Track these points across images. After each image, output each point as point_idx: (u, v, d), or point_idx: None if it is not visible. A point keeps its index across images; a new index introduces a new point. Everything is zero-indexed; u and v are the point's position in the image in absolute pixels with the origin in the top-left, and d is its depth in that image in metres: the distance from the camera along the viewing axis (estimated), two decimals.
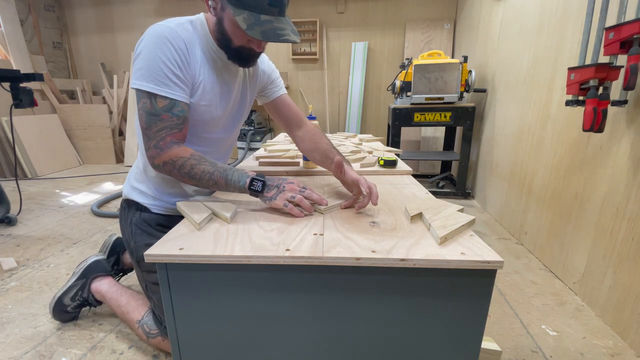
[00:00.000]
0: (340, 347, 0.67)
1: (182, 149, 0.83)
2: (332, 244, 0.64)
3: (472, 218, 0.72)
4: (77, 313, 1.31)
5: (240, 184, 0.81)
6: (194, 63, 0.86)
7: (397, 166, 1.24)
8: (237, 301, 0.65)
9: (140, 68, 0.80)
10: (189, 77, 0.86)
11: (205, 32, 0.90)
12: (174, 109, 0.82)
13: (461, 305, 0.62)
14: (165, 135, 0.82)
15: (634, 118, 1.20)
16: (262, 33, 0.78)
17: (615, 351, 1.16)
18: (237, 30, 0.82)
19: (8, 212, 2.24)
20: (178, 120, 0.83)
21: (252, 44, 0.86)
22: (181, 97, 0.83)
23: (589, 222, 1.42)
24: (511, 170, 2.14)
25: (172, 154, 0.82)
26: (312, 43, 3.91)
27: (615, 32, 1.13)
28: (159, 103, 0.81)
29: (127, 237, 1.04)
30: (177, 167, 0.82)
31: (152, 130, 0.82)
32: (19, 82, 1.99)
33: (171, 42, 0.81)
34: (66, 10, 4.45)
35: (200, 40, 0.89)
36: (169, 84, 0.81)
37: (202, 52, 0.89)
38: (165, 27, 0.82)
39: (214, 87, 0.92)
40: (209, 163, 0.83)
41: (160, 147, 0.82)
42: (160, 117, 0.81)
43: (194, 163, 0.82)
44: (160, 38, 0.80)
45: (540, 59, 1.84)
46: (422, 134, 3.61)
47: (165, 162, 0.83)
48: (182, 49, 0.82)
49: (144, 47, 0.80)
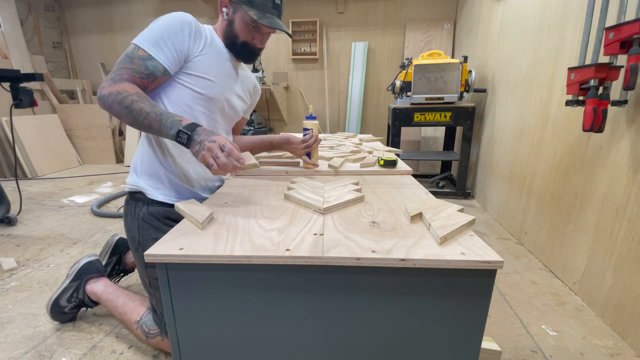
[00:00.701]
0: (341, 347, 0.67)
1: (131, 86, 0.87)
2: (332, 244, 0.64)
3: (472, 218, 0.72)
4: (75, 314, 1.31)
5: (171, 132, 0.81)
6: (196, 43, 0.97)
7: (397, 166, 1.24)
8: (237, 301, 0.65)
9: (148, 31, 0.91)
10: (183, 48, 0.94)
11: (214, 36, 1.05)
12: (148, 62, 0.90)
13: (461, 305, 0.62)
14: (124, 72, 0.88)
15: (634, 118, 1.20)
16: (269, 23, 0.97)
17: (615, 351, 1.16)
18: (245, 28, 1.00)
19: (8, 212, 2.24)
20: (146, 70, 0.90)
21: (255, 40, 1.03)
22: (160, 58, 0.91)
23: (589, 222, 1.42)
24: (511, 170, 2.14)
25: (120, 87, 0.85)
26: (312, 43, 3.91)
27: (615, 32, 1.13)
28: (139, 52, 0.89)
29: (133, 233, 1.03)
30: (119, 100, 0.83)
31: (119, 66, 0.89)
32: (19, 82, 1.99)
33: (180, 22, 0.93)
34: (66, 10, 4.45)
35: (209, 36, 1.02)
36: (157, 45, 0.90)
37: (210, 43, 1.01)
38: (179, 13, 0.95)
39: (218, 72, 1.03)
40: (150, 104, 0.84)
41: (113, 79, 0.87)
42: (132, 60, 0.89)
43: (135, 99, 0.83)
44: (173, 17, 0.93)
45: (540, 59, 1.84)
46: (422, 134, 3.61)
47: (111, 92, 0.84)
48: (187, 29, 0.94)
49: (161, 19, 0.93)
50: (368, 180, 1.12)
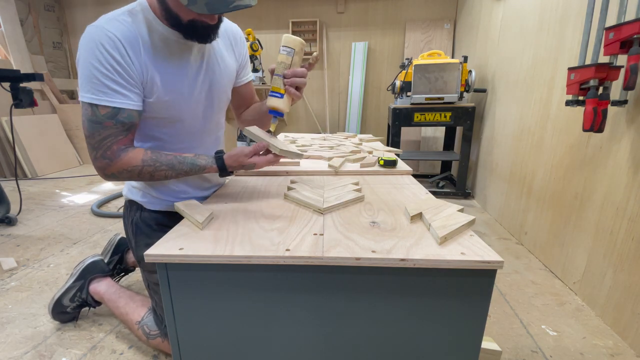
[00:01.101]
0: (341, 347, 0.67)
1: (133, 155, 0.81)
2: (332, 244, 0.64)
3: (472, 218, 0.72)
4: (76, 314, 1.31)
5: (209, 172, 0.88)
6: (137, 60, 0.78)
7: (397, 166, 1.24)
8: (237, 301, 0.65)
9: (80, 77, 0.76)
10: (135, 77, 0.78)
11: (151, 18, 0.80)
12: (118, 116, 0.78)
13: (461, 305, 0.62)
14: (111, 144, 0.79)
15: (634, 118, 1.20)
16: (207, 5, 0.68)
17: (615, 351, 1.16)
18: (180, 5, 0.73)
19: (8, 212, 2.24)
20: (123, 127, 0.79)
21: (203, 17, 0.76)
22: (124, 104, 0.77)
23: (589, 222, 1.42)
24: (511, 170, 2.14)
25: (124, 163, 0.80)
26: (312, 43, 3.91)
27: (615, 32, 1.13)
28: (100, 111, 0.76)
29: (129, 237, 1.05)
30: (136, 175, 0.82)
31: (96, 138, 0.78)
32: (19, 82, 1.99)
33: (104, 46, 0.73)
34: (66, 10, 4.45)
35: (145, 29, 0.80)
36: (108, 92, 0.75)
37: (150, 42, 0.80)
38: (96, 29, 0.74)
39: (175, 76, 0.84)
40: (166, 166, 0.83)
41: (109, 157, 0.79)
42: (102, 124, 0.77)
43: (150, 170, 0.82)
44: (92, 43, 0.73)
45: (540, 59, 1.84)
46: (422, 134, 3.61)
47: (120, 171, 0.81)
48: (118, 49, 0.75)
49: (79, 56, 0.75)
50: (368, 180, 1.12)
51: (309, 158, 1.39)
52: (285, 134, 2.19)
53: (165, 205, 1.01)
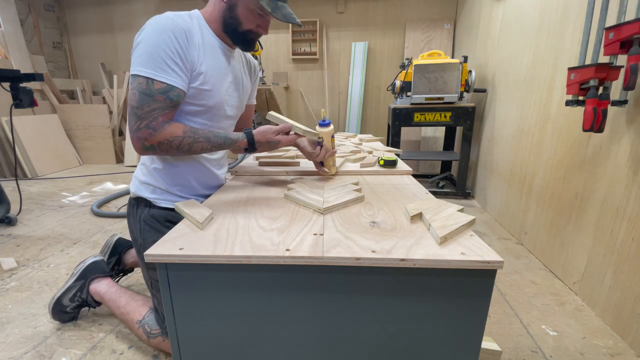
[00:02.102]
0: (341, 347, 0.67)
1: (175, 127, 0.87)
2: (332, 244, 0.64)
3: (472, 218, 0.72)
4: (76, 313, 1.31)
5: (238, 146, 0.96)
6: (193, 50, 0.90)
7: (397, 166, 1.24)
8: (237, 301, 0.65)
9: (140, 54, 0.83)
10: (189, 64, 0.89)
11: (203, 25, 0.96)
12: (170, 93, 0.85)
13: (461, 305, 0.62)
14: (157, 115, 0.84)
15: (634, 118, 1.20)
16: (284, 16, 0.90)
17: (615, 351, 1.16)
18: (250, 16, 0.92)
19: (8, 212, 2.24)
20: (171, 103, 0.86)
21: (260, 28, 0.96)
22: (177, 84, 0.86)
23: (589, 222, 1.42)
24: (511, 170, 2.14)
25: (167, 134, 0.85)
26: (312, 43, 3.91)
27: (615, 32, 1.13)
28: (155, 85, 0.83)
29: (135, 235, 1.04)
30: (176, 146, 0.87)
31: (144, 109, 0.83)
32: (19, 82, 1.99)
33: (172, 31, 0.84)
34: (66, 10, 4.45)
35: (199, 31, 0.94)
36: (167, 70, 0.84)
37: (201, 41, 0.93)
38: (166, 18, 0.86)
39: (216, 73, 0.97)
40: (204, 138, 0.90)
41: (153, 128, 0.84)
42: (154, 97, 0.83)
43: (190, 141, 0.88)
44: (161, 27, 0.84)
45: (540, 59, 1.84)
46: (422, 134, 3.61)
47: (161, 142, 0.85)
48: (182, 37, 0.86)
49: (145, 36, 0.84)
50: (368, 180, 1.12)
51: None
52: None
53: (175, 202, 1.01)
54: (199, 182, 1.06)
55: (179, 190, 1.03)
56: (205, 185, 1.09)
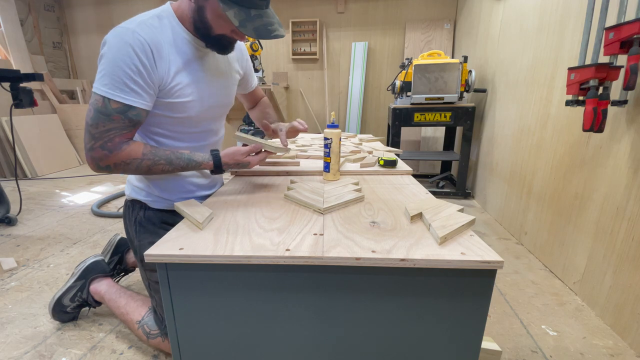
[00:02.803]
0: (340, 347, 0.67)
1: (134, 148, 0.82)
2: (332, 244, 0.64)
3: (472, 218, 0.72)
4: (76, 313, 1.31)
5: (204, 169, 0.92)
6: (160, 64, 0.83)
7: (397, 166, 1.24)
8: (237, 301, 0.65)
9: (100, 71, 0.78)
10: (155, 81, 0.83)
11: (175, 24, 0.87)
12: (129, 112, 0.80)
13: (461, 305, 0.62)
14: (113, 136, 0.80)
15: (634, 118, 1.20)
16: (255, 30, 0.79)
17: (615, 351, 1.16)
18: (221, 21, 0.82)
19: (8, 212, 2.24)
20: (130, 123, 0.81)
21: (234, 34, 0.86)
22: (137, 103, 0.81)
23: (589, 222, 1.42)
24: (511, 170, 2.14)
25: (124, 156, 0.81)
26: (312, 43, 3.91)
27: (615, 32, 1.13)
28: (112, 104, 0.78)
29: (131, 237, 1.04)
30: (133, 168, 0.83)
31: (99, 129, 0.79)
32: (19, 82, 1.99)
33: (132, 47, 0.77)
34: (66, 10, 4.45)
35: (170, 34, 0.85)
36: (126, 89, 0.78)
37: (172, 48, 0.85)
38: (127, 30, 0.79)
39: (191, 80, 0.89)
40: (165, 161, 0.86)
41: (109, 149, 0.80)
42: (111, 117, 0.79)
43: (149, 164, 0.84)
44: (122, 43, 0.77)
45: (540, 59, 1.84)
46: (422, 134, 3.61)
47: (117, 163, 0.82)
48: (145, 53, 0.79)
49: (106, 51, 0.78)
50: (368, 180, 1.12)
51: (309, 158, 1.39)
52: None
53: (170, 204, 1.02)
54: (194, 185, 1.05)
55: (174, 192, 1.02)
56: (204, 187, 1.08)
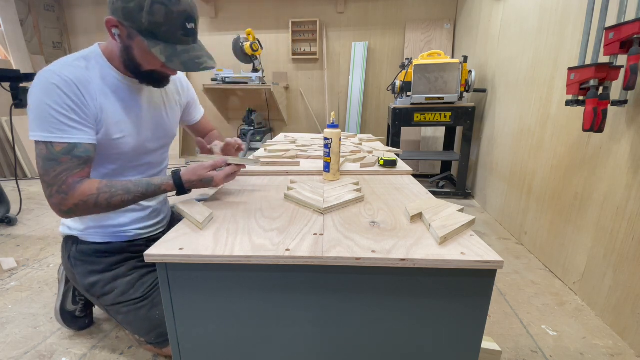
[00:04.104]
0: (341, 347, 0.67)
1: (87, 185, 0.80)
2: (332, 244, 0.64)
3: (472, 218, 0.72)
4: (89, 315, 1.27)
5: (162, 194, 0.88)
6: (91, 101, 0.82)
7: (397, 166, 1.24)
8: (237, 301, 0.65)
9: (33, 119, 0.77)
10: (89, 116, 0.82)
11: (103, 64, 0.88)
12: (75, 151, 0.79)
13: (461, 305, 0.62)
14: (65, 178, 0.78)
15: (634, 118, 1.20)
16: (183, 64, 0.79)
17: (615, 351, 1.16)
18: (149, 57, 0.82)
19: (8, 212, 2.24)
20: (79, 161, 0.80)
21: (165, 69, 0.86)
22: (81, 139, 0.80)
23: (589, 222, 1.42)
24: (511, 170, 2.14)
25: (80, 194, 0.79)
26: (312, 43, 3.91)
27: (615, 32, 1.13)
28: (56, 147, 0.77)
29: (69, 274, 1.03)
30: (92, 205, 0.80)
31: (50, 175, 0.77)
32: (19, 82, 1.99)
33: (59, 87, 0.77)
34: (66, 10, 4.45)
35: (97, 75, 0.86)
36: (65, 128, 0.78)
37: (102, 86, 0.86)
38: (51, 74, 0.78)
39: (124, 116, 0.90)
40: (122, 190, 0.83)
41: (64, 191, 0.78)
42: (58, 160, 0.77)
43: (107, 197, 0.81)
44: (46, 86, 0.77)
45: (540, 59, 1.84)
46: (422, 134, 3.61)
47: (76, 204, 0.79)
48: (73, 91, 0.79)
49: (33, 99, 0.77)
50: (368, 180, 1.12)
51: (309, 158, 1.39)
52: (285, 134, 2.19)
53: (104, 234, 1.00)
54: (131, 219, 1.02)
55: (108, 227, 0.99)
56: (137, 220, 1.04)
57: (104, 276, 0.97)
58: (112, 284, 0.97)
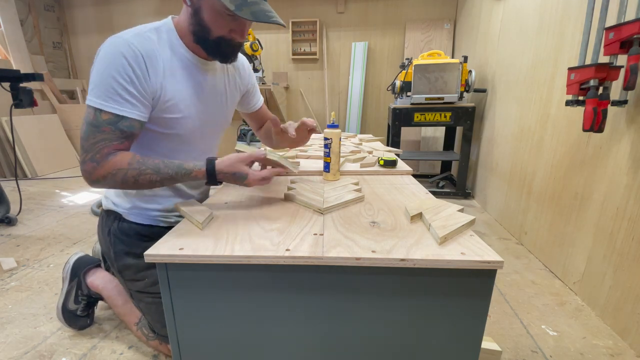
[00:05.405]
0: (341, 347, 0.67)
1: (120, 159, 0.78)
2: (332, 244, 0.64)
3: (472, 218, 0.72)
4: (90, 314, 1.27)
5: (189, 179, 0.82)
6: (154, 76, 0.81)
7: (397, 166, 1.24)
8: (237, 301, 0.65)
9: (92, 82, 0.77)
10: (148, 92, 0.81)
11: (174, 39, 0.85)
12: (120, 123, 0.78)
13: (461, 305, 0.62)
14: (102, 147, 0.77)
15: (634, 118, 1.20)
16: (252, 14, 0.75)
17: (615, 351, 1.16)
18: (218, 18, 0.78)
19: (8, 212, 2.24)
20: (121, 134, 0.78)
21: (233, 33, 0.82)
22: (130, 113, 0.78)
23: (589, 222, 1.42)
24: (511, 170, 2.14)
25: (110, 166, 0.77)
26: (312, 43, 3.91)
27: (615, 32, 1.13)
28: (103, 116, 0.77)
29: (105, 248, 1.01)
30: (120, 180, 0.78)
31: (89, 141, 0.77)
32: (19, 82, 1.99)
33: (125, 57, 0.76)
34: (66, 10, 4.45)
35: (166, 50, 0.84)
36: (118, 99, 0.77)
37: (167, 64, 0.84)
38: (122, 40, 0.77)
39: (187, 96, 0.88)
40: (153, 168, 0.79)
41: (97, 160, 0.77)
42: (100, 128, 0.76)
43: (135, 174, 0.78)
44: (114, 53, 0.76)
45: (540, 59, 1.84)
46: (422, 134, 3.61)
47: (104, 176, 0.78)
48: (138, 63, 0.78)
49: (98, 62, 0.77)
50: (368, 180, 1.12)
51: (309, 158, 1.39)
52: None
53: (147, 217, 0.99)
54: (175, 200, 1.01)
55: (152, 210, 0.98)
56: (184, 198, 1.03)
57: (139, 262, 0.95)
58: (144, 272, 0.96)
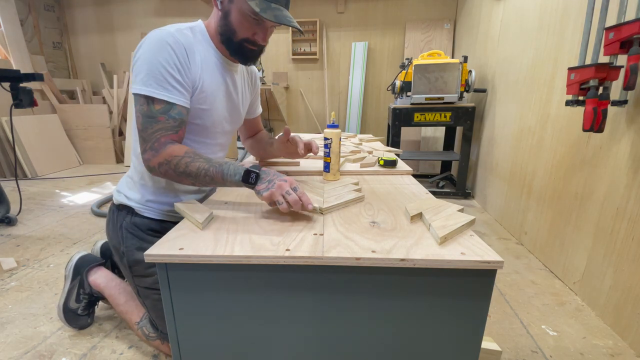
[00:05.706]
0: (341, 347, 0.67)
1: (177, 147, 0.84)
2: (332, 244, 0.64)
3: (472, 218, 0.72)
4: (91, 313, 1.28)
5: (235, 178, 0.79)
6: (194, 67, 0.88)
7: (397, 166, 1.24)
8: (237, 301, 0.65)
9: (139, 72, 0.81)
10: (189, 81, 0.87)
11: (205, 39, 0.93)
12: (171, 112, 0.83)
13: (461, 305, 0.62)
14: (160, 137, 0.83)
15: (634, 118, 1.20)
16: (275, 17, 0.83)
17: (615, 351, 1.16)
18: (244, 21, 0.86)
19: (8, 212, 2.24)
20: (174, 122, 0.84)
21: (256, 37, 0.89)
22: (179, 101, 0.84)
23: (589, 222, 1.42)
24: (511, 170, 2.14)
25: (167, 154, 0.82)
26: (312, 43, 3.91)
27: (615, 32, 1.13)
28: (156, 105, 0.82)
29: (115, 243, 1.02)
30: (173, 167, 0.82)
31: (148, 132, 0.82)
32: (19, 82, 1.99)
33: (172, 46, 0.82)
34: (66, 10, 4.45)
35: (200, 46, 0.91)
36: (168, 87, 0.82)
37: (202, 58, 0.91)
38: (166, 32, 0.84)
39: (215, 91, 0.94)
40: (204, 159, 0.83)
41: (156, 149, 0.82)
42: (156, 119, 0.82)
43: (188, 161, 0.82)
44: (160, 42, 0.82)
45: (540, 59, 1.84)
46: (422, 134, 3.61)
47: (161, 162, 0.83)
48: (182, 53, 0.84)
49: (144, 52, 0.82)
50: (368, 180, 1.12)
51: (309, 158, 1.39)
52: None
53: (160, 212, 1.01)
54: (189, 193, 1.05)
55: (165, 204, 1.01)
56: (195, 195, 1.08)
57: None
58: (154, 268, 0.96)
